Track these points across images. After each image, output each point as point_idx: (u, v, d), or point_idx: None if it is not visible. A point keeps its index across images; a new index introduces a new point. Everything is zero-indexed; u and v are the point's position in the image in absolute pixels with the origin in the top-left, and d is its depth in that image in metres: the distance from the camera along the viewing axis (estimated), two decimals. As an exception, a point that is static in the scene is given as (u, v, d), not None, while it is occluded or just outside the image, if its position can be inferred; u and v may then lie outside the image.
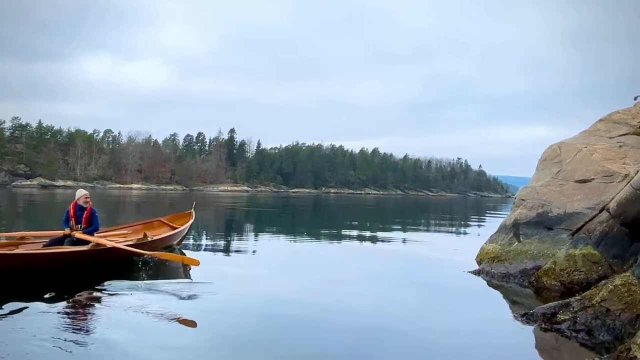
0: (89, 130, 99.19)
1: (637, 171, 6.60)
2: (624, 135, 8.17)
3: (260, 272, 7.19)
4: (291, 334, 4.42)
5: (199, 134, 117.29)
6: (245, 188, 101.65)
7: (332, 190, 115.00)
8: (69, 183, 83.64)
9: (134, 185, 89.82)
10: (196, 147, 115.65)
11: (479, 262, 7.93)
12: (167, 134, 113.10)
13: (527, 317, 4.83)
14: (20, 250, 6.44)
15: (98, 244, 6.66)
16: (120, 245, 6.84)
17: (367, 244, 11.65)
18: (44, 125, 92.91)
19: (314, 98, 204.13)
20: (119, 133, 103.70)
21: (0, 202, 27.69)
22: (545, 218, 7.40)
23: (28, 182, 79.32)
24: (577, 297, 4.73)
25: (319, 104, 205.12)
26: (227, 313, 4.98)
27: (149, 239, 7.56)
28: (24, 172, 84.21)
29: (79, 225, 7.02)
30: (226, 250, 9.89)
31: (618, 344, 3.91)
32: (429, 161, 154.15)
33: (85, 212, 7.10)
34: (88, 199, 7.21)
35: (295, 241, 11.88)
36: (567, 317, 4.53)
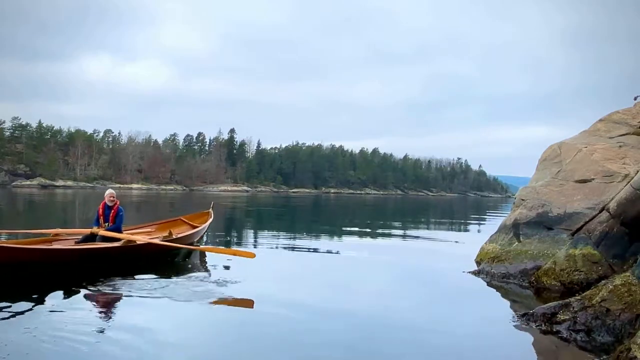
0: (89, 130, 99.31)
1: (637, 171, 6.59)
2: (624, 135, 8.17)
3: (259, 272, 7.18)
4: (291, 334, 4.41)
5: (199, 134, 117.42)
6: (245, 188, 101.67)
7: (332, 190, 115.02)
8: (69, 183, 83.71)
9: (134, 185, 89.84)
10: (196, 147, 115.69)
11: (479, 262, 7.93)
12: (167, 134, 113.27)
13: (527, 318, 4.82)
14: (64, 246, 6.89)
15: (129, 241, 7.02)
16: (156, 241, 7.33)
17: (367, 243, 11.65)
18: (44, 125, 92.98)
19: (314, 98, 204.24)
20: (119, 133, 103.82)
21: (0, 202, 27.70)
22: (545, 218, 7.39)
23: (28, 182, 79.33)
24: (577, 297, 4.73)
25: (319, 104, 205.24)
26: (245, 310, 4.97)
27: (174, 237, 7.99)
28: (24, 172, 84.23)
29: (107, 224, 7.41)
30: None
31: (618, 344, 3.90)
32: (429, 161, 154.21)
33: (112, 210, 7.46)
34: (113, 198, 7.55)
35: (294, 241, 11.86)
36: (567, 317, 4.53)
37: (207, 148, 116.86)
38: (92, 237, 7.22)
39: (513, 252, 7.30)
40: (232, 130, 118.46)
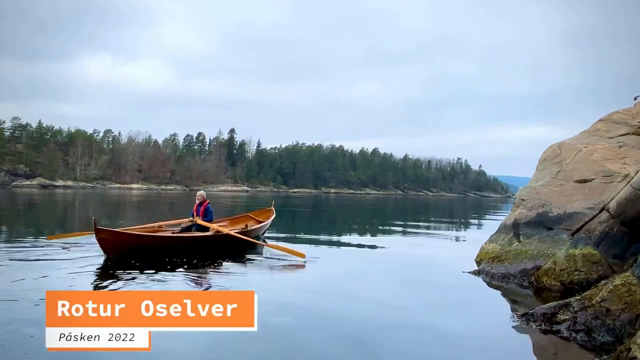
0: (89, 130, 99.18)
1: (637, 171, 6.60)
2: (624, 135, 8.17)
3: (258, 270, 7.18)
4: (289, 333, 4.41)
5: (199, 134, 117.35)
6: (245, 188, 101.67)
7: (332, 190, 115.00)
8: (69, 183, 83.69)
9: (134, 185, 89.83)
10: (196, 147, 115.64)
11: (479, 262, 7.93)
12: (167, 134, 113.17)
13: (527, 318, 4.83)
14: (173, 234, 8.79)
15: (217, 231, 8.92)
16: (234, 233, 9.09)
17: (367, 243, 11.63)
18: (44, 125, 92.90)
19: (314, 98, 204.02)
20: (119, 133, 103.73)
21: (0, 202, 27.69)
22: (545, 218, 7.39)
23: (28, 182, 79.30)
24: (577, 297, 4.73)
25: (319, 104, 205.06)
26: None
27: (249, 229, 9.87)
28: (24, 172, 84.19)
29: (199, 217, 9.35)
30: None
31: (618, 344, 3.90)
32: (429, 161, 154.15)
33: (202, 207, 9.45)
34: (201, 197, 9.58)
35: (294, 240, 11.86)
36: (567, 317, 4.53)
37: (207, 148, 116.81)
38: (189, 228, 9.18)
39: (513, 252, 7.30)
40: (232, 130, 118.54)
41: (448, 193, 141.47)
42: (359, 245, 11.06)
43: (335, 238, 12.99)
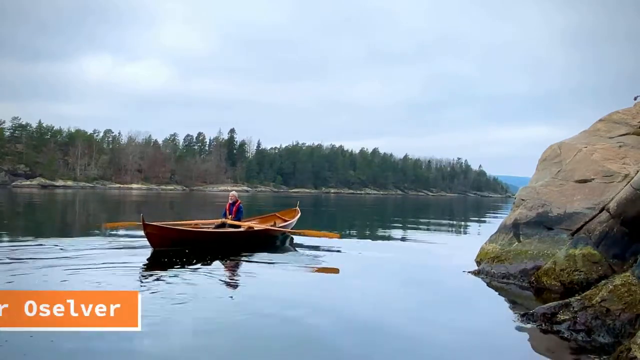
0: (89, 130, 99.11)
1: (637, 171, 6.59)
2: (624, 135, 8.16)
3: (256, 270, 7.18)
4: (289, 333, 4.41)
5: (199, 134, 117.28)
6: (245, 188, 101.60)
7: (332, 190, 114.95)
8: (69, 183, 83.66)
9: (134, 185, 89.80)
10: (196, 147, 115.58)
11: (479, 262, 7.93)
12: (167, 134, 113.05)
13: (527, 318, 4.83)
14: (213, 230, 9.52)
15: (249, 227, 9.74)
16: (272, 228, 10.21)
17: (366, 243, 11.64)
18: (44, 125, 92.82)
19: (314, 98, 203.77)
20: (119, 133, 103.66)
21: (0, 202, 27.69)
22: (545, 218, 7.39)
23: (28, 182, 79.26)
24: (577, 297, 4.73)
25: (319, 104, 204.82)
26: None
27: (278, 226, 10.81)
28: (24, 172, 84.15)
29: (231, 215, 10.04)
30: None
31: (618, 344, 3.90)
32: (429, 161, 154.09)
33: (235, 206, 10.10)
34: (233, 197, 10.38)
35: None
36: (567, 317, 4.53)
37: (207, 148, 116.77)
38: (222, 225, 9.80)
39: (513, 252, 7.30)
40: (232, 130, 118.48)
41: (448, 193, 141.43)
42: (359, 245, 11.06)
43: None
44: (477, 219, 25.83)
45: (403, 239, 13.14)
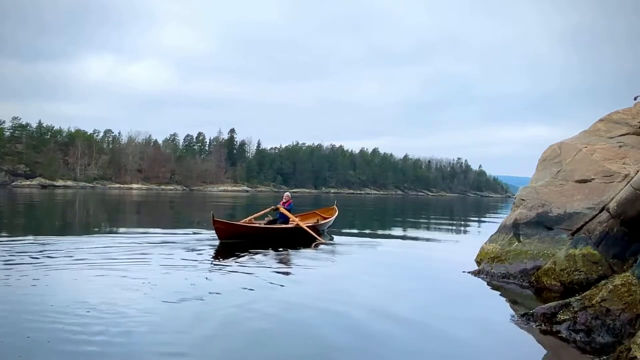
0: (89, 130, 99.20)
1: (637, 171, 6.59)
2: (624, 135, 8.16)
3: (256, 269, 7.18)
4: (289, 333, 4.41)
5: (199, 134, 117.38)
6: (245, 188, 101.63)
7: (332, 190, 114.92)
8: (69, 183, 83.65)
9: (134, 185, 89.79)
10: (196, 147, 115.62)
11: (479, 262, 7.93)
12: (167, 134, 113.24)
13: (527, 318, 4.83)
14: (269, 226, 11.37)
15: (297, 224, 11.40)
16: (308, 227, 11.50)
17: (366, 243, 11.63)
18: (44, 125, 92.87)
19: (314, 98, 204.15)
20: (119, 133, 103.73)
21: (0, 202, 27.68)
22: (545, 218, 7.39)
23: (28, 182, 79.23)
24: (577, 297, 4.73)
25: (319, 104, 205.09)
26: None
27: (320, 223, 13.02)
28: (24, 172, 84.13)
29: (281, 206, 11.97)
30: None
31: (618, 344, 3.90)
32: (429, 161, 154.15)
33: (286, 203, 12.13)
34: (285, 197, 12.49)
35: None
36: (567, 317, 4.53)
37: (207, 148, 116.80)
38: (274, 221, 11.70)
39: (513, 252, 7.30)
40: (232, 130, 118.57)
41: (448, 193, 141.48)
42: (359, 245, 11.06)
43: (334, 238, 12.98)
44: (477, 219, 25.82)
45: (403, 239, 13.12)
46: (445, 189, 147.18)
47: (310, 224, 12.00)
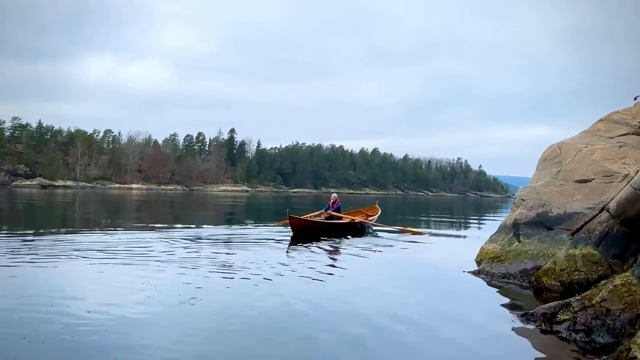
0: (89, 130, 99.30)
1: (637, 171, 6.59)
2: (624, 135, 8.15)
3: (257, 269, 7.17)
4: (290, 332, 4.41)
5: (199, 134, 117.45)
6: (245, 188, 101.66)
7: (332, 190, 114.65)
8: (69, 183, 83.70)
9: (134, 185, 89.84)
10: (196, 147, 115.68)
11: (479, 262, 7.93)
12: (167, 134, 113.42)
13: (527, 318, 4.82)
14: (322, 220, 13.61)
15: (352, 219, 14.07)
16: (368, 221, 14.68)
17: (366, 243, 11.62)
18: (44, 125, 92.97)
19: (314, 98, 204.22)
20: (119, 133, 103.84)
21: (1, 202, 27.67)
22: (545, 218, 7.39)
23: (28, 182, 79.27)
24: (577, 297, 4.72)
25: (319, 104, 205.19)
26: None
27: (368, 220, 14.95)
28: (24, 172, 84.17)
29: (331, 209, 14.14)
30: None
31: (618, 344, 3.90)
32: (429, 161, 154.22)
33: (335, 204, 14.25)
34: (333, 198, 14.67)
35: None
36: (567, 317, 4.52)
37: (207, 148, 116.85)
38: (330, 217, 13.85)
39: (513, 252, 7.29)
40: (232, 130, 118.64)
41: (448, 193, 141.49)
42: (359, 245, 11.05)
43: (334, 238, 12.98)
44: (477, 219, 25.81)
45: (403, 239, 13.10)
46: (445, 189, 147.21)
47: (360, 220, 14.49)
